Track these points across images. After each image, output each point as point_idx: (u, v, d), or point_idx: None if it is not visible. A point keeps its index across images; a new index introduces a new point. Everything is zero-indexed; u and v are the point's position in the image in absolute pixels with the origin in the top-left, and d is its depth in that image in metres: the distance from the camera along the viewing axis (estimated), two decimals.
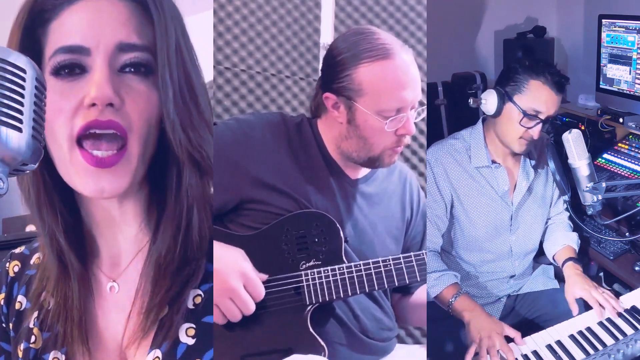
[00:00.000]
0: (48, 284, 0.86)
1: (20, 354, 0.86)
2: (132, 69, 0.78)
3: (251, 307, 1.13)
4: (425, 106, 1.28)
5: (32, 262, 0.93)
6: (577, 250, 1.63)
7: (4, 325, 0.91)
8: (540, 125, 1.45)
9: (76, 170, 0.76)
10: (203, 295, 0.83)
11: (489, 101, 1.50)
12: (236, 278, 1.12)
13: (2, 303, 0.91)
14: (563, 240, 1.63)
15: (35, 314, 0.87)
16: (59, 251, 0.83)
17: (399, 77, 1.19)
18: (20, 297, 0.90)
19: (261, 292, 1.15)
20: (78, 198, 0.84)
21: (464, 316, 1.41)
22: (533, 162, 1.59)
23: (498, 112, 1.48)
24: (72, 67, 0.76)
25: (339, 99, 1.22)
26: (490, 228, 1.58)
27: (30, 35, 0.79)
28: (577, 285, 1.48)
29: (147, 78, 0.78)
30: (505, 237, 1.60)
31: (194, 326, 0.80)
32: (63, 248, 0.83)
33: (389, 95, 1.18)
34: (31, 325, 0.87)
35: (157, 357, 0.79)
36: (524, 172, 1.58)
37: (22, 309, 0.90)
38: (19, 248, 0.96)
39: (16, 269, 0.93)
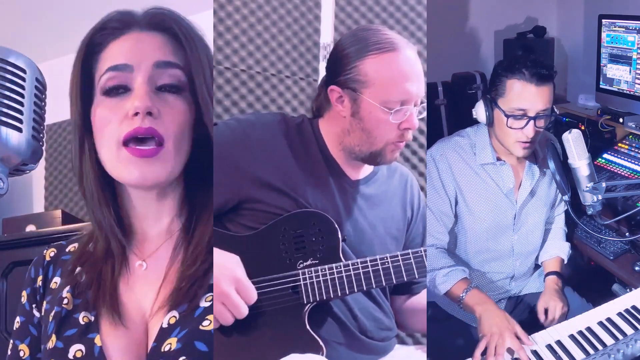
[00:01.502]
0: (87, 262, 0.99)
1: (50, 318, 0.97)
2: (167, 89, 0.94)
3: (243, 311, 1.13)
4: (425, 104, 1.28)
5: (67, 249, 1.06)
6: (565, 260, 1.65)
7: (34, 309, 1.02)
8: (532, 124, 1.43)
9: (124, 165, 0.91)
10: None
11: (478, 112, 1.51)
12: (228, 283, 1.13)
13: (40, 284, 1.03)
14: (555, 250, 1.65)
15: (69, 286, 0.99)
16: (113, 237, 0.97)
17: (404, 70, 1.21)
18: (55, 278, 1.02)
19: (253, 296, 1.16)
20: (122, 197, 0.99)
21: (475, 310, 1.40)
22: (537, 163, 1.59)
23: (490, 120, 1.49)
24: (118, 88, 0.93)
25: (344, 91, 1.23)
26: (493, 226, 1.57)
27: (87, 65, 0.96)
28: (547, 296, 1.54)
29: (179, 94, 0.95)
30: (507, 236, 1.60)
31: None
32: (117, 234, 0.97)
33: (394, 87, 1.20)
34: (64, 295, 0.98)
35: (174, 316, 0.90)
36: (529, 171, 1.58)
37: (56, 287, 1.01)
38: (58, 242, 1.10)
39: (52, 254, 1.06)
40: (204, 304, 0.91)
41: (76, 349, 0.92)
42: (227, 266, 1.14)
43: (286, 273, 1.20)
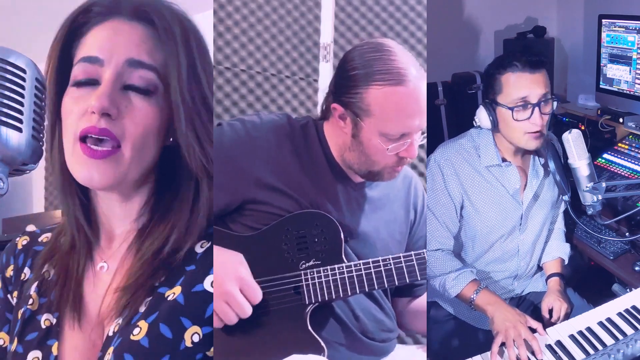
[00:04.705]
0: (55, 255, 0.97)
1: (18, 316, 0.95)
2: (135, 90, 0.89)
3: (247, 311, 1.13)
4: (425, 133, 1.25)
5: (40, 239, 1.03)
6: (566, 261, 1.65)
7: (8, 295, 1.00)
8: (537, 111, 1.42)
9: (75, 160, 0.88)
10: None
11: (481, 118, 1.51)
12: (232, 282, 1.13)
13: (11, 273, 1.01)
14: (556, 252, 1.66)
15: (36, 283, 0.96)
16: (78, 229, 0.96)
17: (409, 105, 1.18)
18: (26, 269, 1.00)
19: (258, 295, 1.15)
20: (90, 194, 0.96)
21: (487, 310, 1.42)
22: (543, 161, 1.58)
23: (494, 122, 1.49)
24: (90, 82, 0.88)
25: (346, 112, 1.22)
26: (501, 227, 1.57)
27: (68, 48, 0.92)
28: (551, 297, 1.55)
29: (149, 96, 0.89)
30: (514, 236, 1.60)
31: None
32: (83, 225, 0.95)
33: (396, 121, 1.18)
34: (31, 292, 0.96)
35: (118, 323, 0.87)
36: (534, 170, 1.58)
37: (25, 280, 0.99)
38: (30, 226, 1.08)
39: (25, 242, 1.03)
40: (142, 308, 0.87)
41: (34, 355, 0.90)
42: (231, 265, 1.14)
43: (288, 274, 1.20)
